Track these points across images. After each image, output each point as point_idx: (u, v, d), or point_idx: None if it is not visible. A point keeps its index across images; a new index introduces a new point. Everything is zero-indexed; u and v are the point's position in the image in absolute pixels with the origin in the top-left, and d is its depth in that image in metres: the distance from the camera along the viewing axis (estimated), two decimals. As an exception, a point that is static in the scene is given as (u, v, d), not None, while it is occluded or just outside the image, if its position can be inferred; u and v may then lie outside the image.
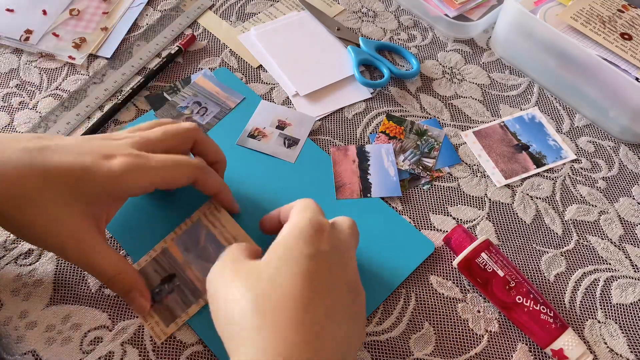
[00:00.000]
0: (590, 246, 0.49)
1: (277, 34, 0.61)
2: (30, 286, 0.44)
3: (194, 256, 0.43)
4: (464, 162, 0.53)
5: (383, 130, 0.55)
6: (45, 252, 0.45)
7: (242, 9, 0.64)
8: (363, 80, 0.57)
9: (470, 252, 0.44)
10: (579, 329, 0.45)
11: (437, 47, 0.62)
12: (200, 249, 0.44)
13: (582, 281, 0.47)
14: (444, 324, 0.44)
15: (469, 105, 0.58)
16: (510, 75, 0.60)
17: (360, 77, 0.57)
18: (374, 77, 0.59)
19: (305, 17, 0.63)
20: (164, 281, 0.43)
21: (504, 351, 0.43)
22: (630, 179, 0.53)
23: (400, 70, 0.58)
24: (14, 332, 0.41)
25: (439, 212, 0.50)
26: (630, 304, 0.46)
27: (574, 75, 0.55)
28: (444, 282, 0.46)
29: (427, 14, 0.63)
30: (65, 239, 0.37)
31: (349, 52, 0.59)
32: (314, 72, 0.58)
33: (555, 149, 0.55)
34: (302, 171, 0.51)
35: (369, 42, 0.60)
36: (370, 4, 0.66)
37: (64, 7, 0.62)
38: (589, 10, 0.58)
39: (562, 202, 0.51)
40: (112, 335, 0.42)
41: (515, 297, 0.43)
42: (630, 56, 0.54)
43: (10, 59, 0.58)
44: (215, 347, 0.41)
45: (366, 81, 0.57)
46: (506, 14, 0.58)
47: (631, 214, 0.51)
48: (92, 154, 0.38)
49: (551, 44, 0.55)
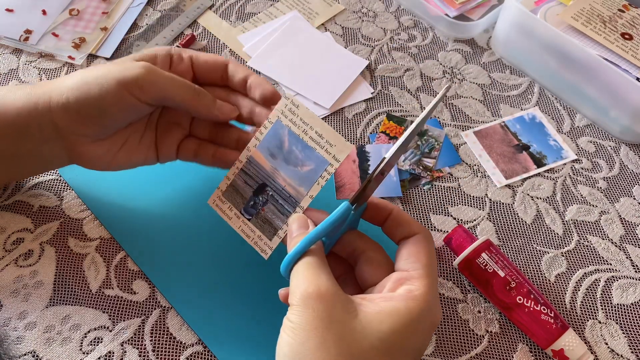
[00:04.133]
0: (590, 246, 0.49)
1: (274, 51, 0.60)
2: (30, 287, 0.44)
3: (281, 162, 0.40)
4: (464, 162, 0.53)
5: (383, 130, 0.55)
6: (44, 252, 0.45)
7: (242, 9, 0.64)
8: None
9: (470, 253, 0.44)
10: (579, 330, 0.45)
11: (437, 47, 0.62)
12: (286, 153, 0.40)
13: (582, 281, 0.47)
14: (445, 324, 0.44)
15: (469, 105, 0.58)
16: (511, 75, 0.60)
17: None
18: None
19: (296, 18, 0.63)
20: (256, 193, 0.40)
21: (505, 352, 0.43)
22: (631, 179, 0.53)
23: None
24: (14, 332, 0.41)
25: (440, 212, 0.50)
26: (631, 304, 0.46)
27: (574, 75, 0.55)
28: (445, 282, 0.46)
29: (427, 13, 0.63)
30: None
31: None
32: (326, 81, 0.57)
33: (556, 149, 0.55)
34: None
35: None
36: (371, 4, 0.66)
37: (63, 7, 0.62)
38: (590, 10, 0.58)
39: (563, 202, 0.51)
40: (112, 335, 0.42)
41: (516, 297, 0.43)
42: (631, 56, 0.53)
43: (10, 59, 0.58)
44: (215, 347, 0.41)
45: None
46: (507, 14, 0.58)
47: (632, 214, 0.51)
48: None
49: (552, 43, 0.55)
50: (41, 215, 0.47)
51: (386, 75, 0.59)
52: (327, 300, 0.31)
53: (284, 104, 0.39)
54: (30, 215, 0.47)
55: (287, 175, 0.39)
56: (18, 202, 0.48)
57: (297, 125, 0.39)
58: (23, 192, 0.48)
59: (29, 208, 0.47)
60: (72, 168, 0.49)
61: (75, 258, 0.45)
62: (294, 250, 0.34)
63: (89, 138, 0.39)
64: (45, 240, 0.46)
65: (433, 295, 0.33)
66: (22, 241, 0.46)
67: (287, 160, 0.39)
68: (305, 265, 0.33)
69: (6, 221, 0.46)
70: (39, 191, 0.48)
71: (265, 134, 0.40)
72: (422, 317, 0.31)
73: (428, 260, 0.34)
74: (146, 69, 0.37)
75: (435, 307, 0.33)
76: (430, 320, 0.32)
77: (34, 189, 0.48)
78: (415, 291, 0.32)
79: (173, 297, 0.43)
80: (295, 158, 0.39)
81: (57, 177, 0.49)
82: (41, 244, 0.46)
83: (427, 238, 0.35)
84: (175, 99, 0.39)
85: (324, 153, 0.38)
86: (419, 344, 0.32)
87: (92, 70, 0.38)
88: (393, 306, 0.31)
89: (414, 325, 0.31)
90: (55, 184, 0.49)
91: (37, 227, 0.46)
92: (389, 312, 0.31)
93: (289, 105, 0.39)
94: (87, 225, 0.47)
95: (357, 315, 0.31)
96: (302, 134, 0.39)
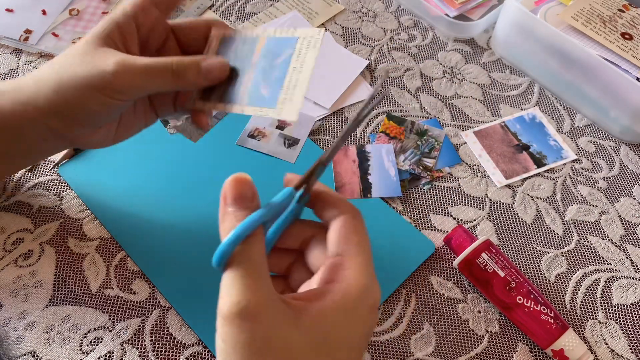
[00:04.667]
0: (590, 246, 0.49)
1: None
2: (30, 287, 0.44)
3: (263, 66, 0.38)
4: (464, 162, 0.53)
5: (383, 130, 0.55)
6: (44, 252, 0.45)
7: (242, 9, 0.64)
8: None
9: (470, 253, 0.44)
10: (579, 330, 0.44)
11: (437, 47, 0.62)
12: (272, 65, 0.38)
13: (582, 281, 0.47)
14: (445, 324, 0.44)
15: (469, 105, 0.58)
16: (511, 75, 0.60)
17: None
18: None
19: (295, 18, 0.63)
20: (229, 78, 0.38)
21: (505, 352, 0.43)
22: (631, 179, 0.53)
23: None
24: (13, 332, 0.41)
25: (440, 213, 0.50)
26: (631, 304, 0.46)
27: (574, 75, 0.55)
28: (445, 282, 0.46)
29: (427, 13, 0.63)
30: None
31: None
32: (326, 81, 0.57)
33: (556, 149, 0.55)
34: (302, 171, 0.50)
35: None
36: (371, 4, 0.66)
37: (63, 7, 0.62)
38: (590, 10, 0.57)
39: (563, 202, 0.51)
40: (112, 335, 0.42)
41: (516, 297, 0.43)
42: (631, 56, 0.53)
43: (10, 59, 0.58)
44: (215, 348, 0.41)
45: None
46: (507, 14, 0.58)
47: (632, 214, 0.51)
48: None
49: (552, 43, 0.55)
50: (41, 215, 0.47)
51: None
52: (262, 318, 0.27)
53: (314, 34, 0.37)
54: (30, 216, 0.47)
55: (253, 78, 0.38)
56: (18, 202, 0.48)
57: (297, 59, 0.37)
58: (23, 192, 0.48)
59: (28, 208, 0.47)
60: (72, 168, 0.50)
61: (75, 258, 0.45)
62: (229, 239, 0.29)
63: (85, 132, 0.39)
64: (45, 241, 0.46)
65: (367, 274, 0.31)
66: (22, 241, 0.46)
67: (266, 68, 0.38)
68: (239, 271, 0.29)
69: (6, 221, 0.46)
70: (38, 191, 0.48)
71: (278, 37, 0.38)
72: (360, 302, 0.30)
73: (357, 238, 0.32)
74: (118, 67, 0.35)
75: (372, 287, 0.31)
76: (367, 303, 0.31)
77: (34, 189, 0.48)
78: (349, 276, 0.30)
79: (173, 297, 0.43)
80: (271, 75, 0.37)
81: (57, 177, 0.49)
82: (41, 244, 0.46)
83: (355, 216, 0.33)
84: (156, 89, 0.37)
85: (281, 96, 0.36)
86: (365, 329, 0.31)
87: (64, 71, 0.36)
88: (333, 301, 0.29)
89: (354, 312, 0.30)
90: (55, 184, 0.49)
91: (37, 227, 0.46)
92: (330, 310, 0.29)
93: (312, 40, 0.37)
94: (86, 225, 0.47)
95: (296, 323, 0.28)
96: (292, 68, 0.37)
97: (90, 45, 0.36)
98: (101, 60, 0.35)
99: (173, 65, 0.36)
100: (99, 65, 0.35)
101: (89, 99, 0.35)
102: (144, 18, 0.38)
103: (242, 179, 0.31)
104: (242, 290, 0.28)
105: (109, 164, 0.50)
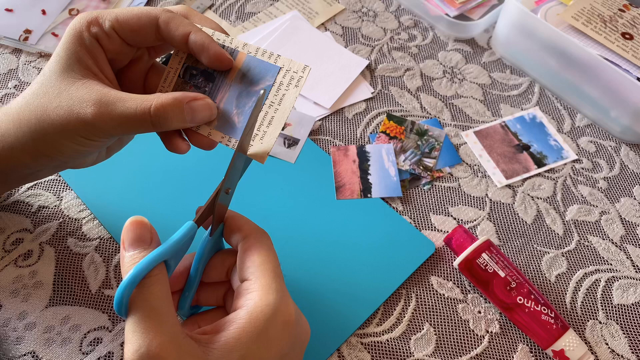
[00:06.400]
0: (591, 246, 0.49)
1: (274, 51, 0.60)
2: (30, 287, 0.44)
3: (239, 89, 0.35)
4: (464, 162, 0.53)
5: (383, 130, 0.54)
6: (44, 252, 0.45)
7: (242, 9, 0.64)
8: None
9: (471, 253, 0.44)
10: (580, 330, 0.44)
11: (437, 46, 0.62)
12: (248, 92, 0.35)
13: (583, 282, 0.47)
14: (445, 324, 0.44)
15: (469, 105, 0.57)
16: (511, 75, 0.60)
17: None
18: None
19: (295, 18, 0.63)
20: (203, 74, 0.36)
21: (505, 352, 0.43)
22: (631, 179, 0.53)
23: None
24: (13, 333, 0.41)
25: (440, 213, 0.50)
26: (632, 304, 0.46)
27: (574, 75, 0.55)
28: (445, 282, 0.46)
29: (427, 13, 0.63)
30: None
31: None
32: (326, 81, 0.57)
33: (556, 149, 0.55)
34: (302, 171, 0.51)
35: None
36: (371, 4, 0.66)
37: (63, 7, 0.62)
38: (590, 9, 0.57)
39: (563, 202, 0.51)
40: (112, 335, 0.42)
41: (516, 297, 0.43)
42: (632, 56, 0.53)
43: (9, 59, 0.58)
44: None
45: None
46: (507, 14, 0.58)
47: (632, 214, 0.51)
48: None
49: (552, 43, 0.55)
50: (40, 215, 0.47)
51: (386, 75, 0.59)
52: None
53: (299, 69, 0.35)
54: (29, 216, 0.47)
55: (227, 100, 0.36)
56: (17, 202, 0.48)
57: (277, 93, 0.35)
58: (22, 192, 0.48)
59: (28, 208, 0.47)
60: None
61: (74, 258, 0.45)
62: (122, 284, 0.28)
63: (75, 163, 0.39)
64: (44, 241, 0.46)
65: (273, 292, 0.30)
66: (22, 241, 0.46)
67: (241, 95, 0.35)
68: (137, 315, 0.28)
69: (5, 221, 0.46)
70: (38, 191, 0.48)
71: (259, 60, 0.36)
72: (269, 322, 0.29)
73: (259, 259, 0.32)
74: (96, 112, 0.33)
75: (280, 304, 0.30)
76: (278, 321, 0.30)
77: (33, 189, 0.48)
78: (254, 299, 0.30)
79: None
80: (245, 102, 0.35)
81: (56, 177, 0.49)
82: (40, 244, 0.46)
83: (257, 237, 0.33)
84: (138, 133, 0.35)
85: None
86: (280, 347, 0.30)
87: (41, 113, 0.34)
88: (238, 327, 0.29)
89: (265, 334, 0.29)
90: (54, 184, 0.49)
91: (37, 227, 0.46)
92: (237, 337, 0.29)
93: (295, 75, 0.35)
94: (86, 225, 0.47)
95: (206, 358, 0.28)
96: (269, 103, 0.35)
97: (64, 77, 0.34)
98: (79, 103, 0.33)
99: (151, 103, 0.33)
100: (77, 112, 0.33)
101: (71, 143, 0.35)
102: (109, 42, 0.36)
103: (138, 221, 0.31)
104: (141, 335, 0.27)
105: (108, 163, 0.50)
